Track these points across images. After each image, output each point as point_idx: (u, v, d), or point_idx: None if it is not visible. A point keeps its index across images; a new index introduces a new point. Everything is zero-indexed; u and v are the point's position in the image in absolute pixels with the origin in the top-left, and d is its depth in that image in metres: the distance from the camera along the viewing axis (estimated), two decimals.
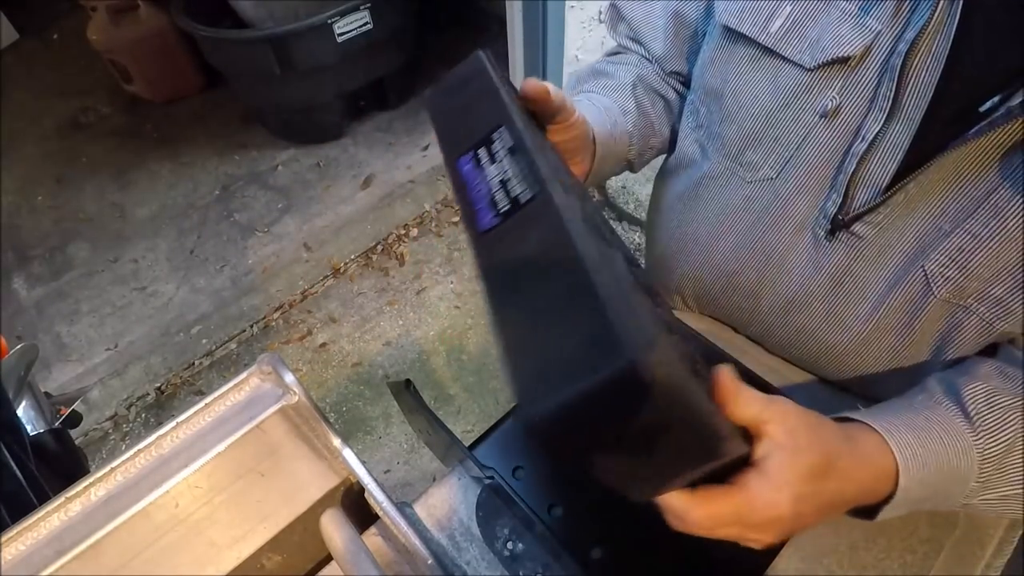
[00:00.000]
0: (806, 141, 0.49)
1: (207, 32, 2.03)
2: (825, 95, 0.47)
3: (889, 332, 0.51)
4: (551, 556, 0.47)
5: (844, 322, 0.53)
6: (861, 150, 0.45)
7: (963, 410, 0.42)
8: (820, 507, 0.36)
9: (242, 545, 0.44)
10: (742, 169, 0.54)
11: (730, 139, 0.54)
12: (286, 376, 0.50)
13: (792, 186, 0.51)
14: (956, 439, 0.40)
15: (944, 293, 0.46)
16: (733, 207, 0.56)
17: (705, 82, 0.56)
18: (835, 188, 0.48)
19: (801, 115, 0.48)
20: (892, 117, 0.44)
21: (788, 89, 0.48)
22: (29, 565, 0.41)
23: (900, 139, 0.44)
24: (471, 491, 0.52)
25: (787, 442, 0.34)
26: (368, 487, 0.45)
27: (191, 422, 0.49)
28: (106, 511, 0.44)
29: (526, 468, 0.53)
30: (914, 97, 0.43)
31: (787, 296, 0.55)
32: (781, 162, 0.51)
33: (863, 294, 0.51)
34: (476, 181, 0.33)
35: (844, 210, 0.48)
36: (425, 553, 0.42)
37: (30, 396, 0.86)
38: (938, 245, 0.45)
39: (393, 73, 2.33)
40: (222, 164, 2.35)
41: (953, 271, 0.45)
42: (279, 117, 2.35)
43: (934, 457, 0.39)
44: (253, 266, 1.98)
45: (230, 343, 1.80)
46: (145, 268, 2.01)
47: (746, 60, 0.51)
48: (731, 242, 0.58)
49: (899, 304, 0.49)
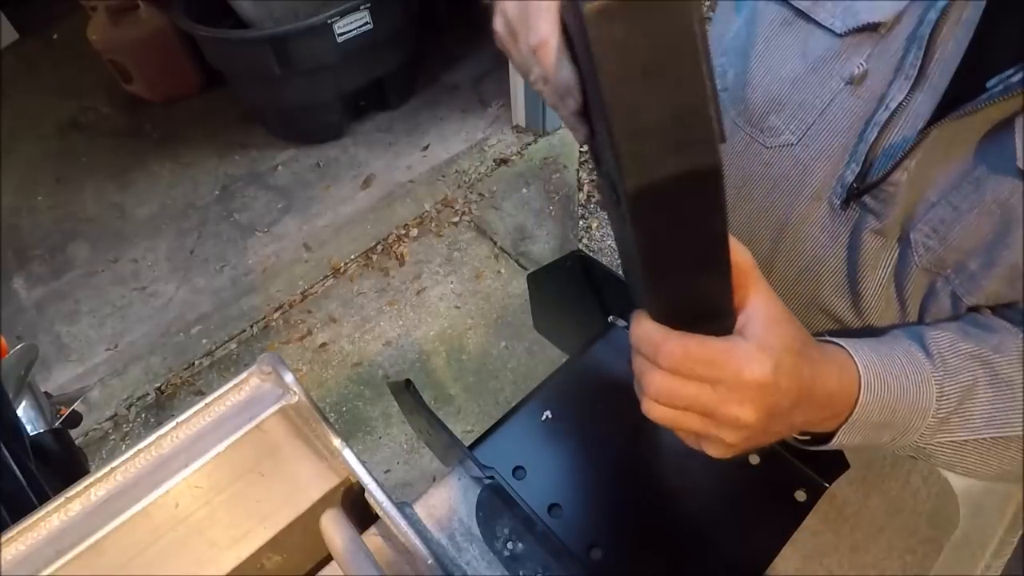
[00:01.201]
0: (830, 107, 0.49)
1: (207, 32, 2.03)
2: (853, 61, 0.46)
3: (891, 304, 0.52)
4: (551, 556, 0.47)
5: (852, 293, 0.53)
6: (883, 119, 0.45)
7: (925, 349, 0.42)
8: (795, 396, 0.35)
9: (242, 545, 0.44)
10: (762, 135, 0.54)
11: (754, 103, 0.54)
12: (286, 376, 0.50)
13: (812, 153, 0.51)
14: (917, 368, 0.41)
15: (924, 262, 0.47)
16: (751, 174, 0.56)
17: (736, 45, 0.56)
18: (855, 157, 0.48)
19: (828, 80, 0.48)
20: (917, 87, 0.44)
21: (816, 54, 0.48)
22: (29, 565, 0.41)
23: (922, 109, 0.44)
24: (471, 491, 0.52)
25: (770, 310, 0.35)
26: (368, 487, 0.45)
27: (191, 422, 0.49)
28: (106, 511, 0.44)
29: (526, 468, 0.53)
30: (940, 67, 0.43)
31: (800, 266, 0.55)
32: (803, 128, 0.51)
33: (869, 265, 0.51)
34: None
35: (859, 180, 0.48)
36: (425, 553, 0.42)
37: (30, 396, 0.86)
38: (922, 214, 0.46)
39: (393, 73, 2.34)
40: (222, 164, 2.35)
41: (934, 241, 0.46)
42: (279, 117, 2.36)
43: (894, 379, 0.40)
44: (253, 266, 1.98)
45: (230, 343, 1.80)
46: (145, 268, 2.02)
47: (777, 23, 0.51)
48: (746, 210, 0.57)
49: (896, 274, 0.50)
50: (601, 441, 0.55)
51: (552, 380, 0.60)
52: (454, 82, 2.56)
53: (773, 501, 0.50)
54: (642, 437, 0.55)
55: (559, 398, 0.58)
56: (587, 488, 0.52)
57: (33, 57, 2.96)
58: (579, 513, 0.51)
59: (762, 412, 0.34)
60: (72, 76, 2.77)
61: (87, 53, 2.48)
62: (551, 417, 0.57)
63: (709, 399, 0.34)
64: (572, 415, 0.57)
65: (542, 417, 0.57)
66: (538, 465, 0.54)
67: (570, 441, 0.55)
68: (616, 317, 0.64)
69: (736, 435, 0.36)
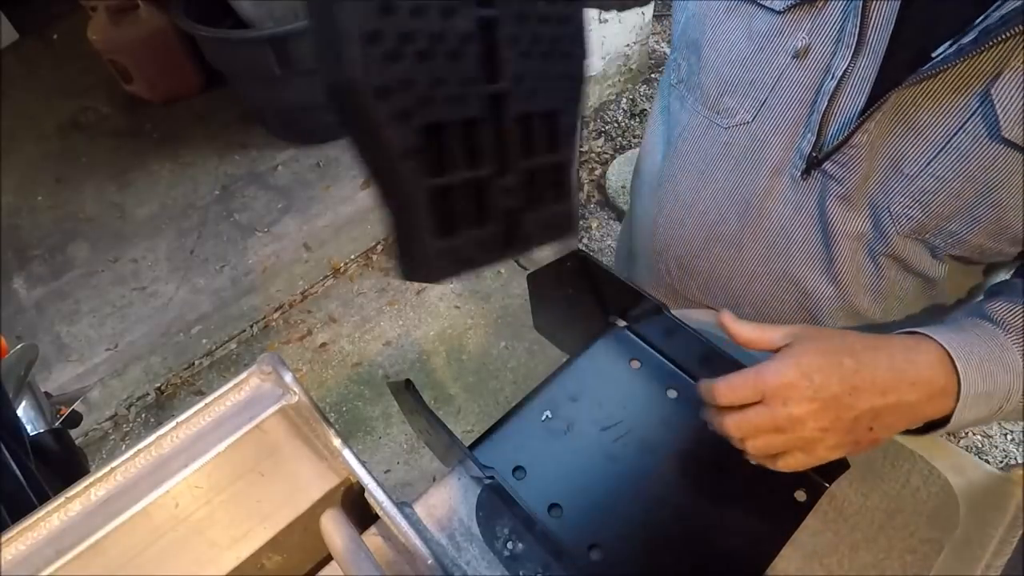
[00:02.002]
0: (779, 82, 0.51)
1: (207, 32, 2.03)
2: (795, 36, 0.49)
3: (863, 269, 0.54)
4: (551, 556, 0.47)
5: (820, 265, 0.56)
6: (831, 88, 0.47)
7: (990, 319, 0.45)
8: (842, 384, 0.40)
9: (242, 545, 0.44)
10: (719, 116, 0.56)
11: (708, 87, 0.56)
12: (286, 376, 0.50)
13: (768, 127, 0.53)
14: (991, 335, 0.44)
15: (905, 230, 0.50)
16: (712, 155, 0.58)
17: (687, 37, 0.58)
18: (809, 127, 0.50)
19: (774, 57, 0.51)
20: (858, 53, 0.46)
21: (761, 33, 0.51)
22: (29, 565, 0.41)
23: (866, 73, 0.46)
24: (471, 491, 0.52)
25: (793, 329, 0.43)
26: (368, 487, 0.45)
27: (191, 422, 0.49)
28: (106, 511, 0.44)
29: (526, 468, 0.53)
30: (877, 32, 0.45)
31: (767, 241, 0.58)
32: (756, 105, 0.53)
33: (836, 235, 0.53)
34: None
35: (817, 148, 0.51)
36: (425, 553, 0.42)
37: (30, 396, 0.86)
38: (901, 188, 0.48)
39: None
40: (222, 164, 2.35)
41: (916, 211, 0.48)
42: (279, 117, 2.35)
43: (978, 349, 0.42)
44: (253, 266, 1.98)
45: (230, 343, 1.80)
46: (145, 268, 2.02)
47: (722, 10, 0.53)
48: (711, 191, 0.60)
49: (867, 243, 0.53)
50: (601, 441, 0.55)
51: (552, 380, 0.60)
52: None
53: (773, 501, 0.50)
54: (642, 437, 0.55)
55: (559, 398, 0.58)
56: (587, 488, 0.52)
57: (33, 57, 2.96)
58: (579, 513, 0.51)
59: (810, 404, 0.40)
60: (72, 76, 2.77)
61: (87, 53, 2.48)
62: (551, 417, 0.57)
63: (766, 414, 0.41)
64: (572, 415, 0.57)
65: (542, 417, 0.57)
66: (538, 465, 0.54)
67: (570, 441, 0.55)
68: (616, 317, 0.64)
69: (809, 433, 0.40)
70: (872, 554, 0.49)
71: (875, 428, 0.41)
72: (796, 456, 0.42)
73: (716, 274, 0.65)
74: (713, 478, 0.52)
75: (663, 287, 0.72)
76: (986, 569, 0.48)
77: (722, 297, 0.66)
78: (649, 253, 0.71)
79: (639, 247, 0.73)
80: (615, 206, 2.03)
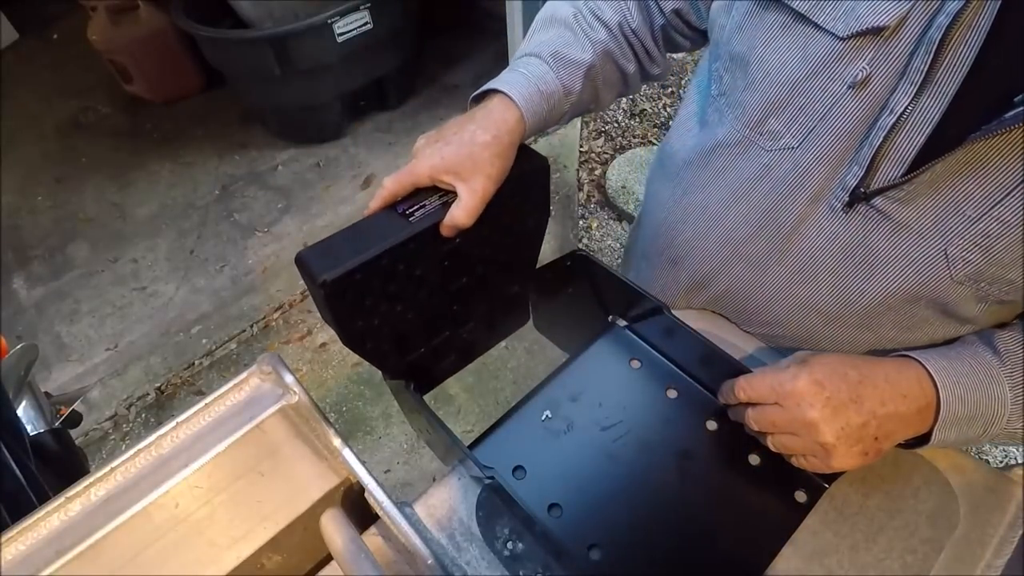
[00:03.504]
0: (832, 112, 0.48)
1: (207, 32, 2.03)
2: (855, 65, 0.46)
3: (890, 310, 0.52)
4: (551, 556, 0.47)
5: (848, 297, 0.54)
6: (889, 123, 0.45)
7: (993, 348, 0.47)
8: (849, 391, 0.44)
9: (242, 545, 0.44)
10: (762, 138, 0.54)
11: (752, 107, 0.53)
12: (286, 376, 0.50)
13: (813, 157, 0.51)
14: (984, 364, 0.46)
15: (961, 276, 0.47)
16: (749, 176, 0.56)
17: (731, 49, 0.55)
18: (857, 160, 0.48)
19: (829, 85, 0.48)
20: (923, 91, 0.43)
21: (817, 57, 0.48)
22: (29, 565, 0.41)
23: (930, 114, 0.43)
24: (471, 491, 0.52)
25: (806, 356, 0.48)
26: (368, 487, 0.45)
27: (191, 422, 0.49)
28: (106, 511, 0.44)
29: (526, 468, 0.53)
30: (949, 72, 0.42)
31: (795, 267, 0.56)
32: (804, 132, 0.50)
33: (872, 269, 0.51)
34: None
35: (865, 183, 0.48)
36: (425, 553, 0.42)
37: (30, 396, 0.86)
38: (962, 229, 0.45)
39: (393, 73, 2.34)
40: (222, 164, 2.35)
41: (976, 255, 0.46)
42: (279, 117, 2.35)
43: (965, 376, 0.46)
44: (253, 266, 1.98)
45: (230, 343, 1.80)
46: (145, 268, 2.01)
47: (776, 26, 0.50)
48: (743, 211, 0.57)
49: (909, 282, 0.50)
50: (601, 441, 0.55)
51: (552, 380, 0.60)
52: (454, 82, 2.56)
53: (773, 501, 0.50)
54: (642, 437, 0.55)
55: (559, 398, 0.58)
56: (587, 488, 0.52)
57: (33, 57, 2.96)
58: (579, 513, 0.51)
59: (823, 410, 0.44)
60: (72, 76, 2.77)
61: (87, 53, 2.48)
62: (551, 417, 0.57)
63: (782, 413, 0.46)
64: (572, 415, 0.57)
65: (542, 417, 0.57)
66: (538, 465, 0.54)
67: (570, 441, 0.55)
68: (616, 316, 0.64)
69: (823, 439, 0.44)
70: (872, 554, 0.49)
71: (879, 437, 0.44)
72: (811, 461, 0.46)
73: (733, 292, 0.63)
74: (713, 478, 0.52)
75: (677, 295, 0.70)
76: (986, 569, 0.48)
77: (734, 315, 0.65)
78: (666, 257, 0.68)
79: (652, 247, 0.71)
80: (615, 206, 2.02)
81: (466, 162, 0.48)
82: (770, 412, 0.47)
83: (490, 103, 0.54)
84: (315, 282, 0.43)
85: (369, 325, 0.48)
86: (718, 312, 0.67)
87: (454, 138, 0.50)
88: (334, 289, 0.43)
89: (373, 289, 0.46)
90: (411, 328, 0.52)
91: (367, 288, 0.45)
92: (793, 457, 0.48)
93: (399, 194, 0.50)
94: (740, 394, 0.49)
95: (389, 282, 0.47)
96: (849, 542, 0.49)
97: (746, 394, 0.48)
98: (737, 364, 0.53)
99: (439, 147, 0.50)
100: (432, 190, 0.49)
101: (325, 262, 0.43)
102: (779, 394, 0.46)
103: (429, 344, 0.56)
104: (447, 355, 0.60)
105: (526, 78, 0.56)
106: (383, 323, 0.49)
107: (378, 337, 0.50)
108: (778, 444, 0.48)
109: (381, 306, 0.48)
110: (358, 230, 0.46)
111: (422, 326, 0.53)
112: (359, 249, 0.44)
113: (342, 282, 0.43)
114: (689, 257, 0.65)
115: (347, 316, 0.46)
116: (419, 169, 0.49)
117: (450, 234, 0.49)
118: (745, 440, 0.52)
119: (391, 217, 0.47)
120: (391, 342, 0.51)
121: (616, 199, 2.02)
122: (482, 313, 0.60)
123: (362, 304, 0.46)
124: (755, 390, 0.48)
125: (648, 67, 0.66)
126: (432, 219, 0.47)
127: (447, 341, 0.58)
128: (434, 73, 2.60)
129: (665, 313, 0.56)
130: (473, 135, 0.50)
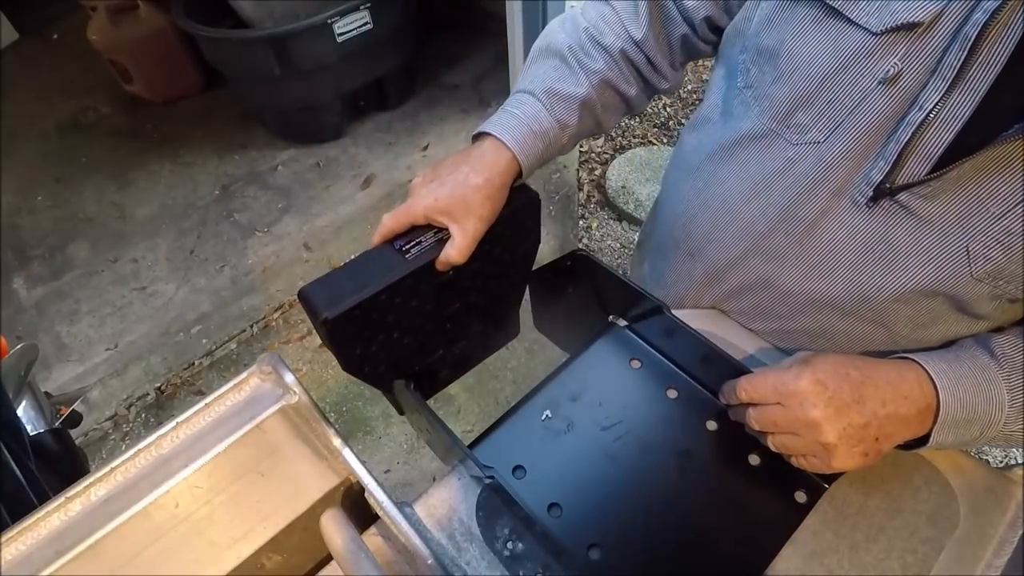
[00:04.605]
0: (860, 106, 0.48)
1: (207, 32, 2.03)
2: (887, 61, 0.45)
3: (907, 306, 0.52)
4: (551, 556, 0.47)
5: (865, 292, 0.53)
6: (918, 119, 0.45)
7: (990, 352, 0.48)
8: (852, 391, 0.45)
9: (242, 545, 0.44)
10: (788, 131, 0.53)
11: (780, 100, 0.53)
12: (286, 376, 0.50)
13: (839, 151, 0.50)
14: (982, 368, 0.47)
15: (981, 272, 0.47)
16: (772, 169, 0.55)
17: (759, 42, 0.54)
18: (883, 156, 0.48)
19: (859, 80, 0.47)
20: (954, 88, 0.43)
21: (848, 52, 0.47)
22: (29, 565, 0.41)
23: (960, 112, 0.43)
24: (471, 491, 0.52)
25: (809, 355, 0.48)
26: (368, 487, 0.45)
27: (191, 422, 0.49)
28: (106, 511, 0.44)
29: (526, 468, 0.53)
30: (983, 70, 0.42)
31: (813, 261, 0.56)
32: (831, 126, 0.50)
33: (892, 264, 0.51)
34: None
35: (891, 178, 0.48)
36: (425, 553, 0.43)
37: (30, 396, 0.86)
38: (985, 226, 0.45)
39: (393, 73, 2.33)
40: (222, 164, 2.35)
41: (997, 252, 0.46)
42: (279, 117, 2.35)
43: (964, 378, 0.46)
44: (253, 266, 1.98)
45: (230, 343, 1.80)
46: (145, 268, 2.01)
47: (808, 20, 0.50)
48: (763, 204, 0.57)
49: (929, 278, 0.50)
50: (601, 441, 0.55)
51: (552, 380, 0.60)
52: (454, 82, 2.56)
53: (773, 501, 0.50)
54: (642, 437, 0.55)
55: (559, 398, 0.58)
56: (587, 488, 0.52)
57: (33, 57, 2.96)
58: (579, 513, 0.51)
59: (825, 409, 0.44)
60: (72, 76, 2.77)
61: (87, 53, 2.48)
62: (551, 417, 0.57)
63: (784, 413, 0.46)
64: (572, 415, 0.57)
65: (542, 417, 0.57)
66: (538, 465, 0.54)
67: (570, 441, 0.55)
68: (616, 316, 0.64)
69: (824, 439, 0.44)
70: (872, 554, 0.49)
71: (880, 438, 0.45)
72: (811, 461, 0.46)
73: (749, 285, 0.63)
74: (713, 478, 0.52)
75: (691, 289, 0.69)
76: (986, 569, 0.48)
77: (749, 309, 0.65)
78: (682, 249, 0.68)
79: (668, 238, 0.70)
80: (615, 206, 2.02)
81: (459, 204, 0.51)
82: (772, 412, 0.47)
83: (484, 144, 0.56)
84: (318, 319, 0.46)
85: (367, 352, 0.51)
86: (732, 306, 0.67)
87: (448, 179, 0.52)
88: (335, 326, 0.46)
89: (371, 322, 0.49)
90: (406, 351, 0.55)
91: (366, 322, 0.49)
92: (793, 457, 0.48)
93: (397, 230, 0.53)
94: (742, 394, 0.49)
95: (387, 314, 0.50)
96: (849, 542, 0.49)
97: (748, 394, 0.48)
98: (737, 364, 0.53)
99: (434, 187, 0.52)
100: (427, 227, 0.52)
101: (327, 299, 0.46)
102: (781, 394, 0.46)
103: (424, 363, 0.60)
104: (440, 370, 0.64)
105: (518, 119, 0.58)
106: (380, 349, 0.52)
107: (375, 362, 0.53)
108: (779, 444, 0.48)
109: (379, 335, 0.51)
110: (358, 266, 0.50)
111: (416, 348, 0.57)
112: (359, 287, 0.47)
113: (343, 319, 0.46)
114: (706, 250, 0.64)
115: (347, 346, 0.49)
116: (415, 209, 0.52)
117: (444, 269, 0.52)
118: (745, 440, 0.52)
119: (389, 253, 0.51)
120: (387, 365, 0.55)
121: (616, 199, 2.02)
122: (474, 332, 0.64)
123: (361, 335, 0.50)
124: (757, 390, 0.48)
125: (656, 83, 0.66)
126: (427, 256, 0.50)
127: (440, 358, 0.62)
128: (434, 73, 2.60)
129: (665, 313, 0.56)
130: (466, 177, 0.52)
